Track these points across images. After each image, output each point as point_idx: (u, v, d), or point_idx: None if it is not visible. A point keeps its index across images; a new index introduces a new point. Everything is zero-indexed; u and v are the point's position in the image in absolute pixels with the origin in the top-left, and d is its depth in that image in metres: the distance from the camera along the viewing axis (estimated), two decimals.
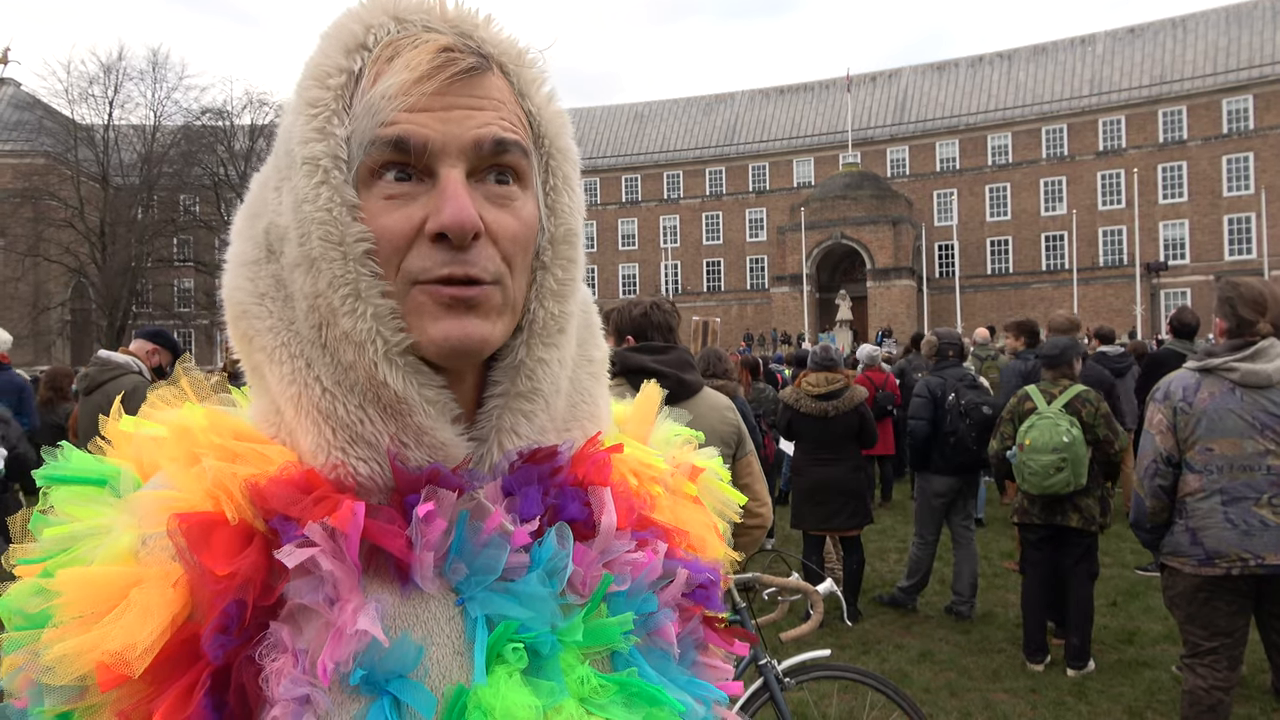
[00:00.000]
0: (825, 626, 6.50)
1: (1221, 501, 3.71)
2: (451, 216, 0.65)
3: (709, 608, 0.81)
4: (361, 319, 0.67)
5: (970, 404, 6.78)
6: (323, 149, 0.67)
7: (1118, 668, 5.81)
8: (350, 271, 0.66)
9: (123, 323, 42.57)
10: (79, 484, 0.70)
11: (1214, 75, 54.62)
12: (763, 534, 3.54)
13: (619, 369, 3.41)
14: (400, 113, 0.66)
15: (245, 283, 0.73)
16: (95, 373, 5.69)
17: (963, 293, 51.75)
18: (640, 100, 74.09)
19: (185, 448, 0.69)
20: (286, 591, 0.63)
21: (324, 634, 0.62)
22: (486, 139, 0.68)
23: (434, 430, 0.69)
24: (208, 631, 0.61)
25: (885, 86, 65.89)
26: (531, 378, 0.73)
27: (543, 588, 0.68)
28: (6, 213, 45.97)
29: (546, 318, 0.74)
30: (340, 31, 0.69)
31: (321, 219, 0.66)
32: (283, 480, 0.66)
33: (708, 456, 0.92)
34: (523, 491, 0.71)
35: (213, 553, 0.62)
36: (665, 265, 63.92)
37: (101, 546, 0.64)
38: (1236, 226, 52.90)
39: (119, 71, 45.59)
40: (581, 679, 0.68)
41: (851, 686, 4.39)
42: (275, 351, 0.71)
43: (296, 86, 0.71)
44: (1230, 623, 3.80)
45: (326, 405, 0.68)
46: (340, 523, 0.64)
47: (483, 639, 0.66)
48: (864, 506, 7.02)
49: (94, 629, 0.60)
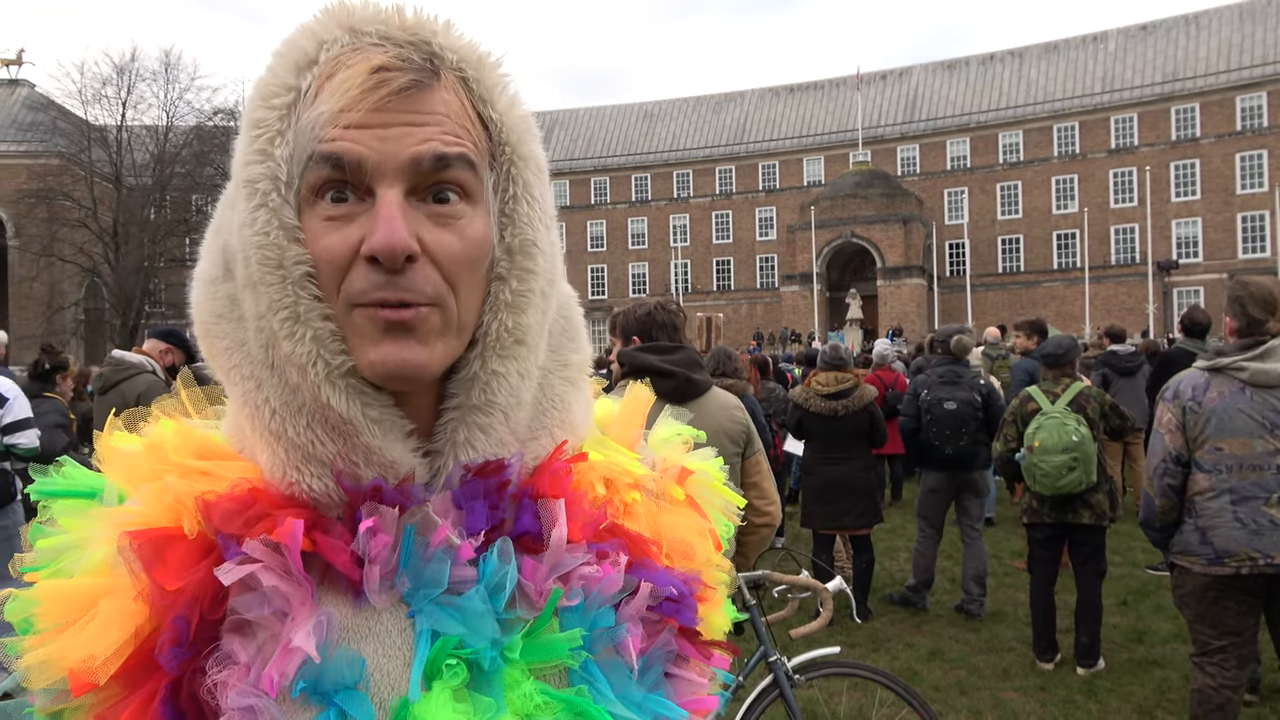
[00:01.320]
0: (836, 625, 6.51)
1: (1231, 501, 3.72)
2: (382, 240, 0.64)
3: (681, 620, 0.78)
4: (301, 342, 0.66)
5: (934, 399, 6.91)
6: (262, 171, 0.66)
7: (1128, 666, 5.81)
8: (289, 294, 0.66)
9: (136, 322, 42.84)
10: (70, 498, 0.71)
11: (1227, 72, 54.30)
12: (771, 532, 3.56)
13: (627, 369, 3.45)
14: (337, 129, 0.65)
15: (205, 300, 0.73)
16: (110, 372, 5.74)
17: (974, 291, 51.63)
18: (650, 99, 74.23)
19: (152, 464, 0.71)
20: (233, 606, 0.65)
21: (272, 646, 0.64)
22: (426, 155, 0.66)
23: (382, 450, 0.69)
24: (161, 643, 0.63)
25: (896, 85, 65.74)
26: (486, 391, 0.72)
27: (482, 604, 0.68)
28: (21, 213, 46.37)
29: (500, 330, 0.72)
30: (291, 49, 0.68)
31: (259, 242, 0.66)
32: (229, 497, 0.67)
33: (704, 457, 0.90)
34: (469, 505, 0.71)
35: (165, 568, 0.64)
36: (675, 264, 63.93)
37: (82, 559, 0.67)
38: (1250, 224, 52.59)
39: (132, 72, 45.91)
40: (525, 695, 0.67)
41: (861, 684, 4.41)
42: (230, 372, 0.72)
43: (245, 106, 0.70)
44: (1240, 622, 3.80)
45: (276, 427, 0.69)
46: (282, 538, 0.65)
47: (423, 654, 0.66)
48: (874, 505, 7.03)
49: (63, 638, 0.63)
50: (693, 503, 0.85)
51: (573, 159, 69.50)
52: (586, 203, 68.26)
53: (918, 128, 62.81)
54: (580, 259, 66.72)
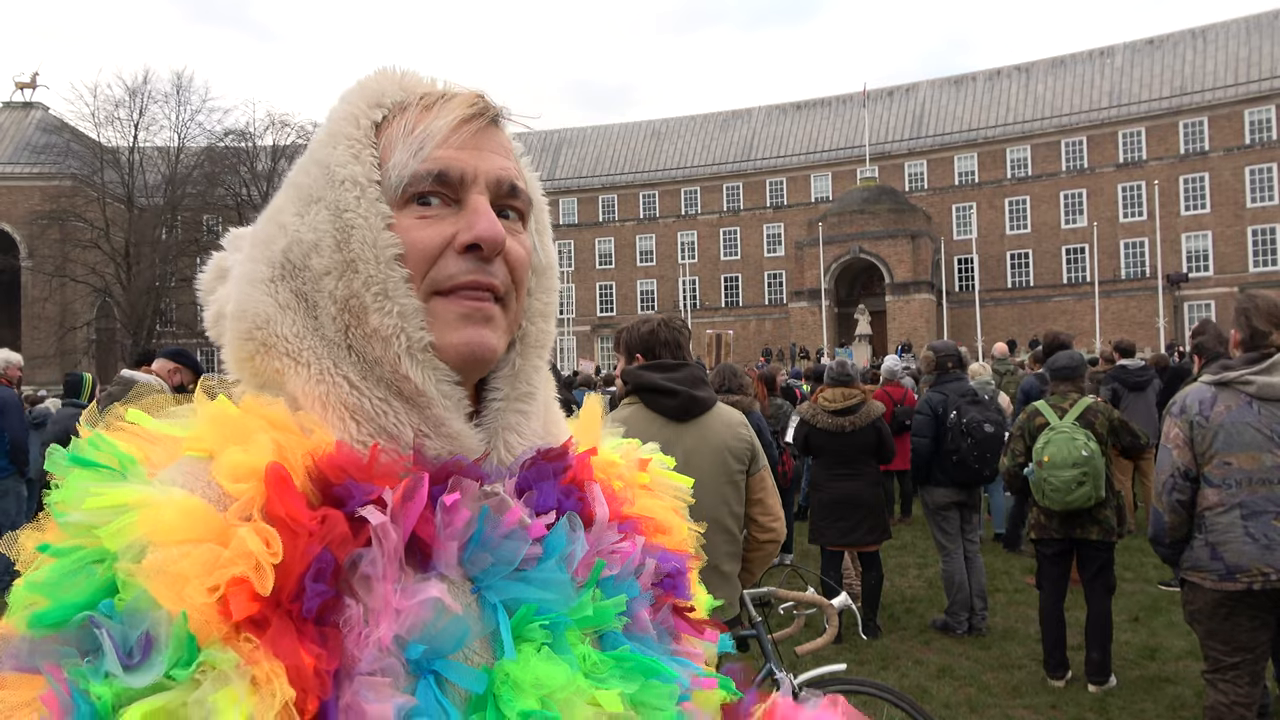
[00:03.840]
0: (845, 642, 6.47)
1: (1241, 515, 3.69)
2: (486, 229, 0.76)
3: (677, 596, 0.87)
4: (389, 315, 0.75)
5: (972, 422, 6.72)
6: (360, 171, 0.77)
7: (1140, 683, 5.75)
8: (380, 273, 0.75)
9: (147, 342, 43.05)
10: (100, 469, 0.68)
11: (1235, 86, 54.19)
12: (776, 548, 3.55)
13: (631, 387, 3.45)
14: (440, 149, 0.77)
15: (264, 298, 0.79)
16: (118, 391, 5.77)
17: (983, 306, 51.44)
18: (656, 116, 74.43)
19: (236, 430, 0.70)
20: (353, 558, 0.65)
21: (380, 605, 0.65)
22: (506, 180, 0.80)
23: (450, 421, 0.77)
24: (305, 579, 0.63)
25: (902, 101, 65.82)
26: (529, 382, 0.84)
27: (561, 573, 0.74)
28: (35, 234, 46.77)
29: (537, 334, 0.86)
30: (364, 90, 0.82)
31: (360, 225, 0.75)
32: (347, 452, 0.71)
33: (649, 451, 1.00)
34: (539, 487, 0.78)
35: (297, 505, 0.65)
36: (683, 281, 63.94)
37: (169, 506, 0.63)
38: (1261, 238, 52.32)
39: (144, 95, 46.52)
40: (583, 655, 0.73)
41: (871, 702, 4.37)
42: (301, 354, 0.77)
43: (329, 126, 0.81)
44: (1252, 638, 3.77)
45: (353, 400, 0.75)
46: (403, 495, 0.68)
47: (505, 620, 0.70)
48: (882, 521, 7.00)
49: (197, 552, 0.61)
50: (651, 488, 0.96)
51: (581, 177, 69.72)
52: (594, 220, 68.39)
53: (925, 143, 62.80)
54: (588, 276, 66.81)
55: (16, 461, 8.06)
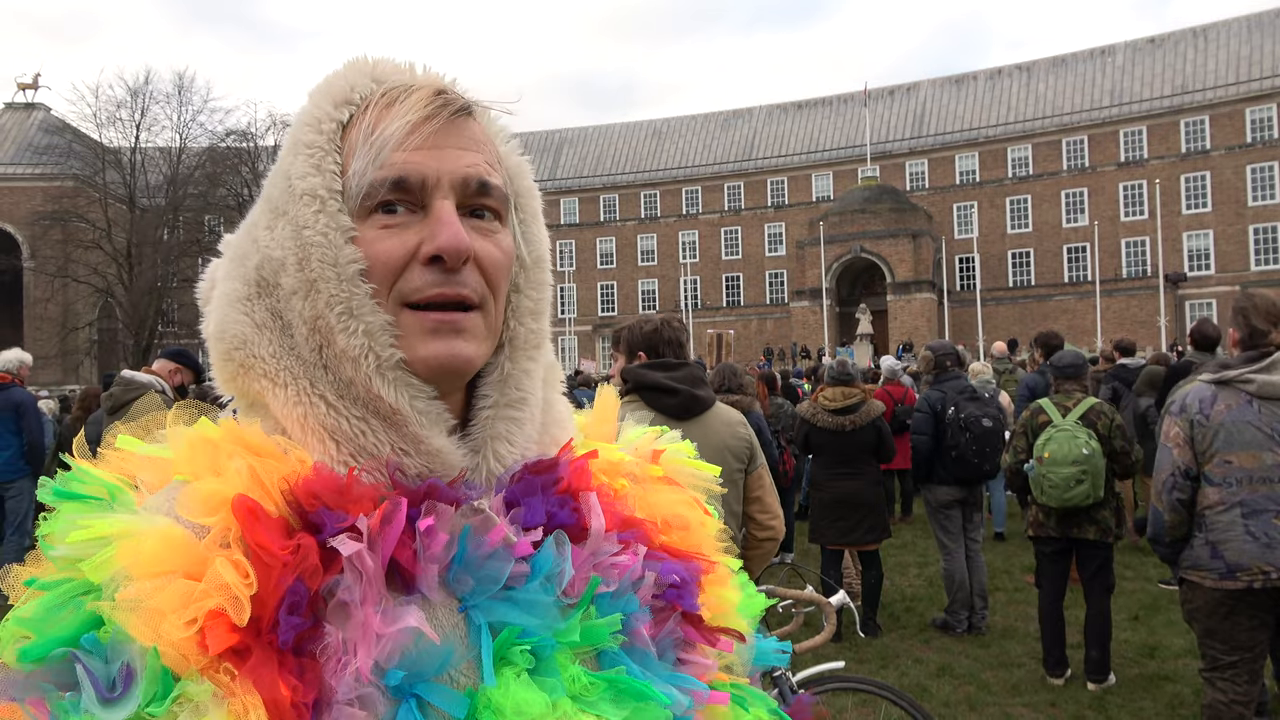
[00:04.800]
0: (845, 641, 6.48)
1: (1242, 514, 3.69)
2: (448, 240, 0.71)
3: (683, 605, 0.81)
4: (354, 335, 0.72)
5: (970, 417, 6.75)
6: (319, 182, 0.73)
7: (1139, 682, 5.76)
8: (343, 291, 0.72)
9: (149, 342, 43.09)
10: (87, 500, 0.69)
11: (1236, 85, 54.16)
12: (774, 546, 3.56)
13: (632, 385, 3.46)
14: (397, 153, 0.72)
15: (241, 317, 0.77)
16: (119, 392, 5.79)
17: (984, 305, 51.43)
18: (657, 116, 74.44)
19: (211, 456, 0.70)
20: (329, 585, 0.65)
21: (357, 632, 0.64)
22: (474, 178, 0.75)
23: (428, 439, 0.73)
24: (280, 611, 0.62)
25: (903, 100, 65.81)
26: (519, 388, 0.79)
27: (545, 595, 0.71)
28: (37, 235, 46.85)
29: (526, 334, 0.81)
30: (329, 87, 0.77)
31: (319, 243, 0.72)
32: (324, 477, 0.69)
33: (670, 440, 0.96)
34: (526, 502, 0.75)
35: (271, 536, 0.64)
36: (684, 280, 63.93)
37: (149, 537, 0.64)
38: (1262, 236, 52.31)
39: (145, 95, 46.47)
40: (573, 677, 0.70)
41: (869, 700, 4.39)
42: (279, 375, 0.75)
43: (291, 132, 0.78)
44: (1251, 637, 3.77)
45: (331, 421, 0.73)
46: (380, 521, 0.67)
47: (488, 643, 0.68)
48: (882, 520, 7.00)
49: (173, 585, 0.61)
50: (669, 479, 0.91)
51: (582, 176, 69.77)
52: (595, 220, 68.42)
53: (926, 143, 62.80)
54: (590, 276, 66.85)
55: (33, 462, 8.07)
